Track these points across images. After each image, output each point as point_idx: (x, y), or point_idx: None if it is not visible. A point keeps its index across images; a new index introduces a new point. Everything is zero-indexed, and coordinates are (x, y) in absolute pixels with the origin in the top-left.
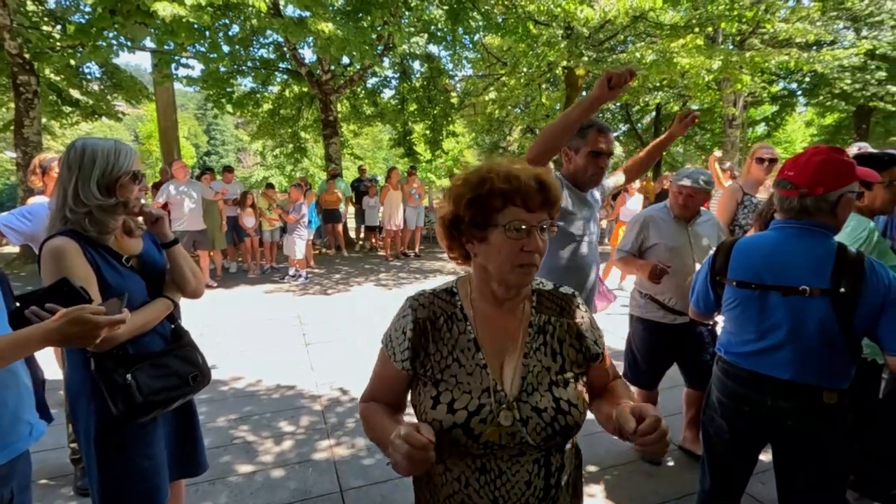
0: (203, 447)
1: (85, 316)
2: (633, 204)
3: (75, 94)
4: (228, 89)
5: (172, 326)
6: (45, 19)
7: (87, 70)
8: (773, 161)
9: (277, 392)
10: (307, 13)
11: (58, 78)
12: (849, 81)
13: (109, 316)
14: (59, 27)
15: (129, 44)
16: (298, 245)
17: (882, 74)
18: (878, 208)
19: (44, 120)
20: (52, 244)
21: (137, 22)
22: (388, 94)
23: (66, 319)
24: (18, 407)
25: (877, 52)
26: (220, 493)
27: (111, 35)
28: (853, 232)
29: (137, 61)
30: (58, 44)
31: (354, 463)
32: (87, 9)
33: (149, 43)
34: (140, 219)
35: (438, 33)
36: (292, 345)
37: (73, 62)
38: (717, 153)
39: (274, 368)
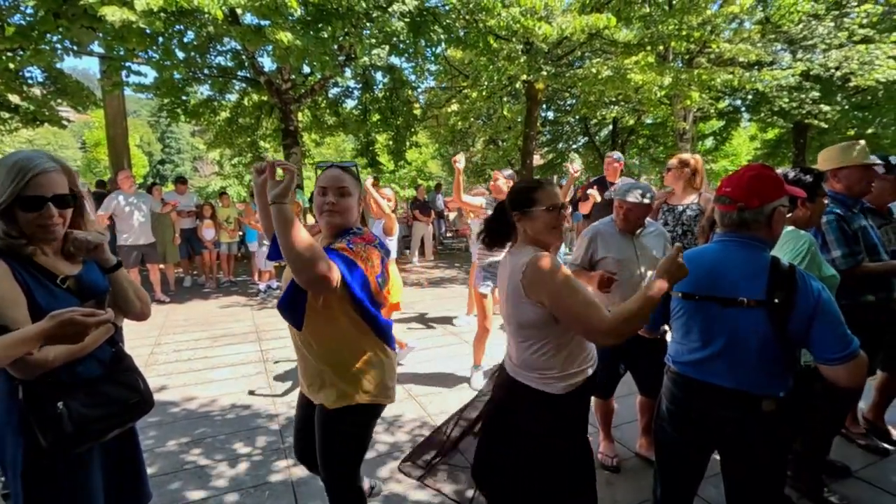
0: (146, 475)
1: (76, 318)
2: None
3: (14, 99)
4: (184, 98)
5: (113, 350)
6: None
7: (28, 74)
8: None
9: (233, 412)
10: (266, 21)
11: None
12: (786, 100)
13: (97, 317)
14: None
15: (74, 48)
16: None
17: (816, 94)
18: (815, 221)
19: None
20: None
21: (84, 26)
22: (350, 104)
23: (58, 321)
24: None
25: (811, 73)
26: None
27: (55, 39)
28: (795, 247)
29: (85, 65)
30: None
31: (313, 484)
32: (29, 10)
33: (97, 47)
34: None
35: (400, 45)
36: (249, 361)
37: (12, 66)
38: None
39: (229, 387)
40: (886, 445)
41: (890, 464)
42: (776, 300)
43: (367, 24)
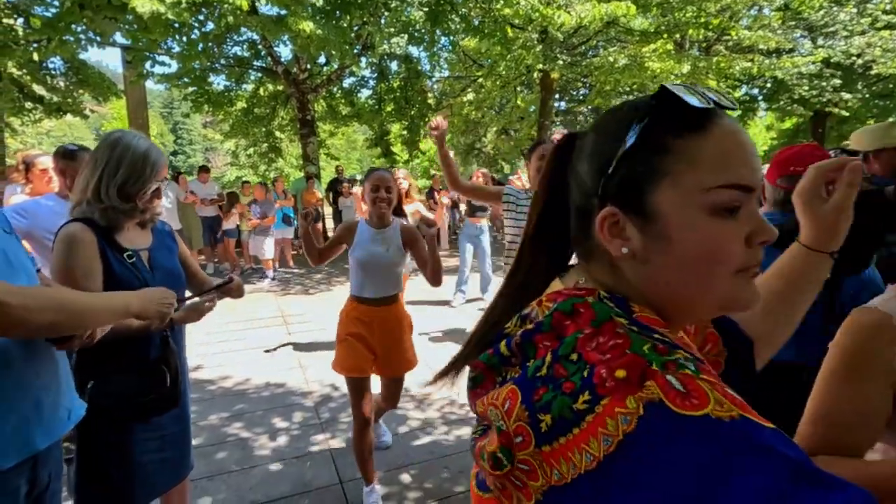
0: (191, 448)
1: (159, 294)
2: None
3: (40, 90)
4: (207, 87)
5: (162, 335)
6: (6, 12)
7: (50, 65)
8: None
9: (267, 390)
10: (285, 11)
11: (20, 73)
12: (807, 88)
13: (176, 301)
14: (20, 20)
15: (98, 39)
16: (268, 244)
17: (837, 82)
18: None
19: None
20: (67, 230)
21: (107, 17)
22: (364, 94)
23: (147, 294)
24: (59, 392)
25: (831, 60)
26: (219, 489)
27: (79, 29)
28: None
29: (97, 57)
30: (21, 38)
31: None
32: (55, 2)
33: (119, 38)
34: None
35: (416, 34)
36: (278, 344)
37: (36, 57)
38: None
39: (262, 367)
40: None
41: None
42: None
43: (385, 14)
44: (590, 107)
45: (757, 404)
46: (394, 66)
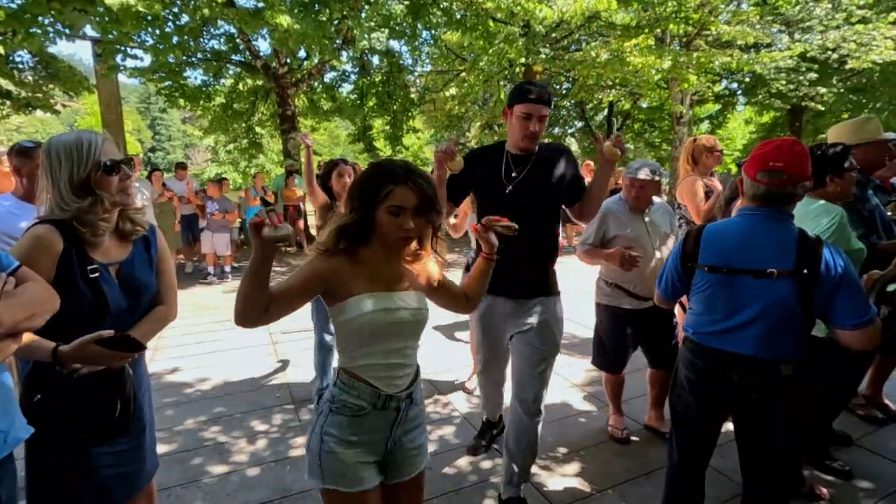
0: (154, 446)
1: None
2: None
3: (7, 85)
4: (182, 82)
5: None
6: None
7: (18, 59)
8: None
9: (246, 392)
10: (262, 4)
11: None
12: (784, 82)
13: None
14: None
15: (67, 31)
16: (226, 241)
17: (813, 76)
18: (847, 194)
19: None
20: (36, 232)
21: (76, 9)
22: (346, 88)
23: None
24: None
25: (808, 54)
26: (195, 496)
27: (47, 22)
28: (829, 219)
29: (70, 50)
30: None
31: None
32: None
33: (89, 31)
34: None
35: (398, 28)
36: (259, 344)
37: (1, 50)
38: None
39: (242, 368)
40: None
41: (888, 432)
42: (805, 271)
43: (366, 7)
44: (573, 101)
45: None
46: (375, 60)
